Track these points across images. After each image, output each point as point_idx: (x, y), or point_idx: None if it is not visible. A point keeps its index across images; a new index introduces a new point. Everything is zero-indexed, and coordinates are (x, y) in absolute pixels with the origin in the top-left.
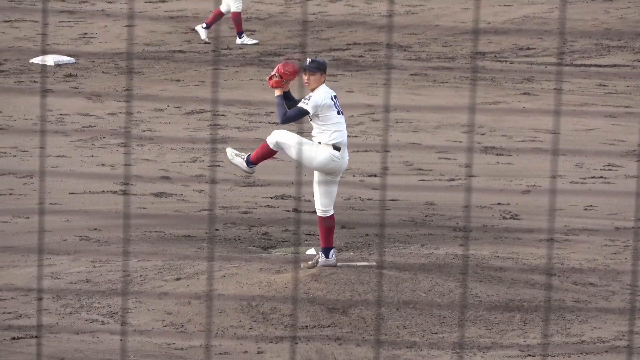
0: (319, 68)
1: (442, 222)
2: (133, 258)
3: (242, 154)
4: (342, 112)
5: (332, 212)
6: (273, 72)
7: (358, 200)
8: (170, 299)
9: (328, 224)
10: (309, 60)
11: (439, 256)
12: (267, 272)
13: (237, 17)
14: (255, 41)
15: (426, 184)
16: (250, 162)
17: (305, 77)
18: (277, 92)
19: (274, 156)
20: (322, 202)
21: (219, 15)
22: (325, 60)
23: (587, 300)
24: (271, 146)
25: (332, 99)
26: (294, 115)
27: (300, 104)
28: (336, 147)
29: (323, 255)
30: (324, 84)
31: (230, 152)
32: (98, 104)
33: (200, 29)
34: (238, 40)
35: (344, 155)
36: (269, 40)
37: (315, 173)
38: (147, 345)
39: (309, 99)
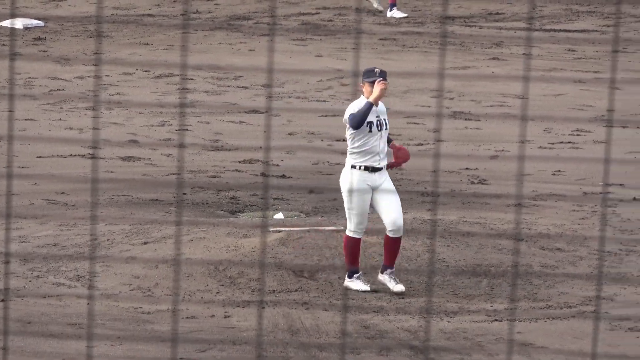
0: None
1: (410, 187)
2: (100, 222)
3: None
4: None
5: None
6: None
7: (326, 165)
8: (137, 262)
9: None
10: (377, 70)
11: (407, 221)
12: (234, 237)
13: None
14: (404, 14)
15: None
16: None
17: (384, 86)
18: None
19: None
20: None
21: None
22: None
23: (555, 266)
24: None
25: None
26: None
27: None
28: None
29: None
30: None
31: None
32: (67, 68)
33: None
34: (388, 13)
35: None
36: (238, 5)
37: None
38: (114, 309)
39: None
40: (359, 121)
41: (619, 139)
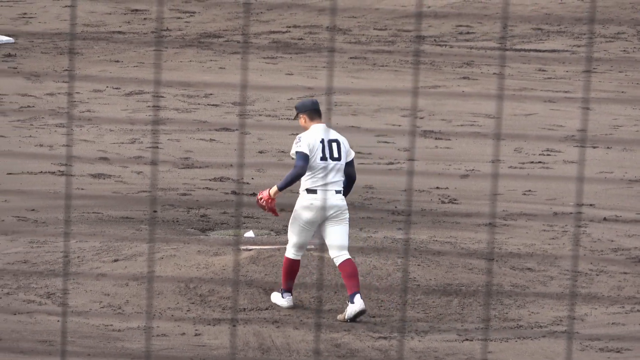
0: (296, 108)
1: (380, 206)
2: (71, 239)
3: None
4: (332, 158)
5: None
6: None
7: (296, 183)
8: (108, 280)
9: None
10: None
11: (378, 240)
12: (205, 255)
13: None
14: None
15: (365, 167)
16: (284, 291)
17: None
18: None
19: (310, 247)
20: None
21: None
22: (310, 100)
23: (525, 285)
24: (290, 256)
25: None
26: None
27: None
28: (311, 191)
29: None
30: (316, 127)
31: (274, 297)
32: (37, 84)
33: None
34: None
35: (319, 198)
36: (209, 22)
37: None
38: (84, 326)
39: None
40: None
41: (589, 158)
